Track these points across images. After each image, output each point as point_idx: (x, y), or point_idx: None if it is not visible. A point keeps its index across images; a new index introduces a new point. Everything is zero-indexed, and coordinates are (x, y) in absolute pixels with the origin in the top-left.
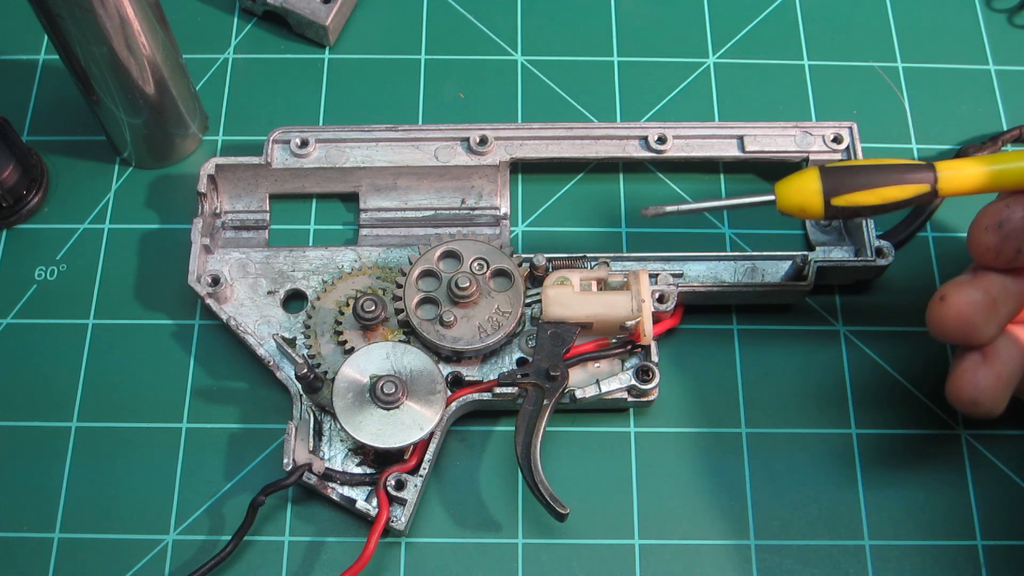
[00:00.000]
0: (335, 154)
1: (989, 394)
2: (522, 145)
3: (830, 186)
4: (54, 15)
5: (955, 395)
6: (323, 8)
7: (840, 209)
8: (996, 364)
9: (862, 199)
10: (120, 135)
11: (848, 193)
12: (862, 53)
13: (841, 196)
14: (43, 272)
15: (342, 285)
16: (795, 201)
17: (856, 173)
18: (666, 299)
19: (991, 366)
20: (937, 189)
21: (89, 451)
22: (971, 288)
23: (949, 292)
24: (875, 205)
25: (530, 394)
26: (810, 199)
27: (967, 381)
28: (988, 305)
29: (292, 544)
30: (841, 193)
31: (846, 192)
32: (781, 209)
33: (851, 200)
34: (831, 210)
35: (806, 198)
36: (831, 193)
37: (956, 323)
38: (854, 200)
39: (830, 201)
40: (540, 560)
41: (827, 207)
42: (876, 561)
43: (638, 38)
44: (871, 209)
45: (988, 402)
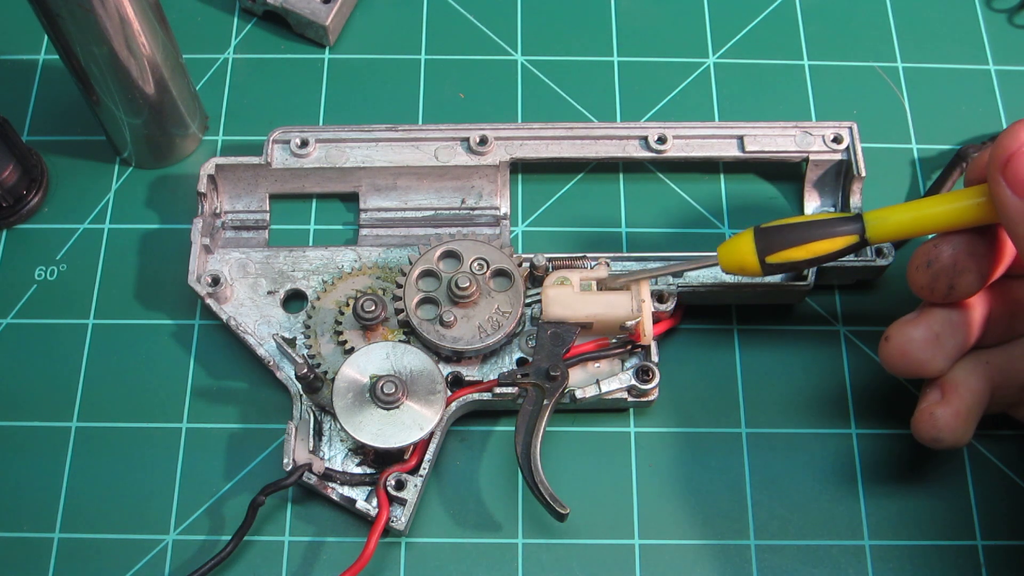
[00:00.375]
0: (335, 154)
1: (949, 431)
2: (522, 145)
3: (763, 246)
4: (54, 15)
5: (917, 433)
6: (323, 8)
7: (776, 266)
8: (954, 401)
9: (794, 255)
10: (120, 135)
11: (780, 251)
12: (862, 53)
13: (775, 254)
14: (43, 272)
15: (342, 285)
16: (734, 261)
17: (787, 231)
18: (666, 299)
19: (948, 404)
20: (866, 239)
21: (89, 451)
22: (912, 327)
23: (892, 333)
24: (808, 259)
25: (530, 394)
26: (746, 259)
27: (925, 420)
28: (930, 341)
29: (292, 544)
30: (774, 251)
31: (778, 250)
32: (724, 270)
33: (784, 257)
34: (768, 268)
35: (743, 258)
36: (765, 252)
37: (902, 362)
38: (787, 256)
39: (765, 260)
40: (540, 560)
41: (763, 265)
42: (876, 561)
43: (638, 38)
44: (806, 263)
45: (949, 438)
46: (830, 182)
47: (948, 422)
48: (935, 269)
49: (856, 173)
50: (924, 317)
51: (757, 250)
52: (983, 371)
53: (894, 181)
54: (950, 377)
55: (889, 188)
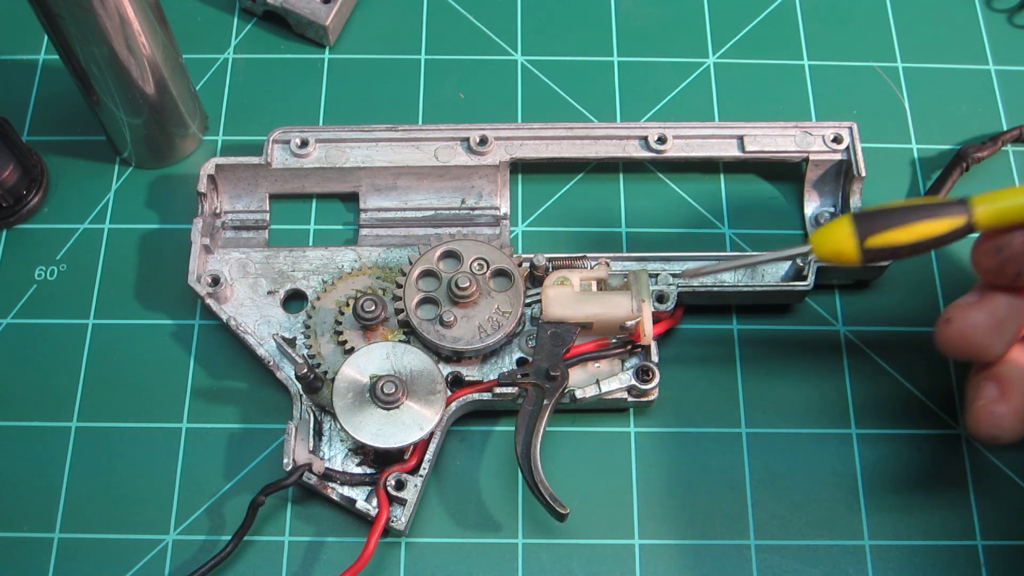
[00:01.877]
0: (335, 154)
1: (1009, 429)
2: (522, 145)
3: (864, 229)
4: (54, 15)
5: (975, 430)
6: (323, 8)
7: (877, 251)
8: (1013, 398)
9: (896, 238)
10: (120, 135)
11: (882, 232)
12: (862, 53)
13: (875, 236)
14: (43, 272)
15: (342, 285)
16: (830, 248)
17: (889, 214)
18: (666, 299)
19: (1008, 401)
20: (973, 223)
21: (89, 451)
22: (975, 311)
23: (954, 316)
24: (911, 243)
25: (530, 394)
26: (844, 244)
27: (986, 419)
28: (993, 327)
29: (292, 544)
30: (875, 233)
31: (879, 231)
32: (819, 259)
33: (886, 239)
34: (868, 253)
35: (840, 243)
36: (865, 235)
37: (962, 345)
38: (889, 239)
39: (864, 243)
40: (540, 560)
41: (863, 251)
42: (876, 561)
43: (638, 38)
44: (909, 248)
45: (1008, 436)
46: (830, 182)
47: (1009, 420)
48: (1006, 255)
49: (856, 173)
50: (987, 301)
51: (856, 234)
52: None
53: (894, 181)
54: (1006, 370)
55: (889, 188)
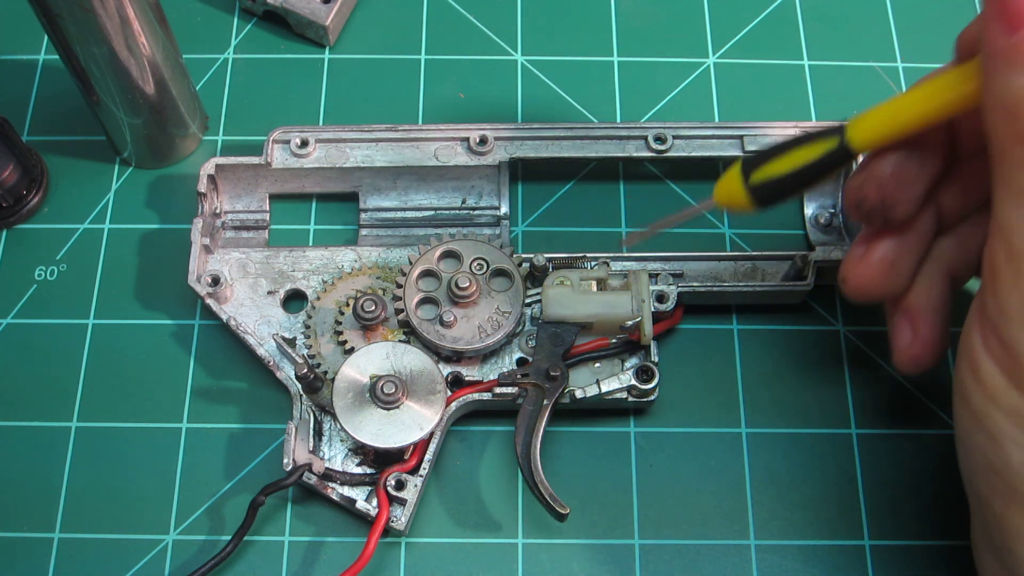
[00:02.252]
0: (335, 154)
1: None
2: (522, 145)
3: (747, 166)
4: (54, 15)
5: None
6: (323, 8)
7: (761, 186)
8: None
9: (776, 168)
10: (120, 135)
11: (762, 166)
12: (862, 53)
13: (757, 171)
14: (43, 272)
15: (342, 285)
16: (724, 193)
17: (771, 149)
18: (666, 299)
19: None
20: (847, 144)
21: (89, 451)
22: (864, 265)
23: (848, 275)
24: (791, 172)
25: (530, 394)
26: (733, 184)
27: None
28: (886, 272)
29: (292, 544)
30: (757, 167)
31: (760, 165)
32: (716, 202)
33: (767, 172)
34: (755, 192)
35: (730, 185)
36: (748, 171)
37: (866, 297)
38: (769, 172)
39: (750, 180)
40: (540, 560)
41: (749, 189)
42: (876, 561)
43: (638, 38)
44: (791, 179)
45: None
46: (830, 182)
47: (928, 357)
48: (866, 209)
49: None
50: (874, 249)
51: (742, 172)
52: (941, 271)
53: None
54: (914, 301)
55: None
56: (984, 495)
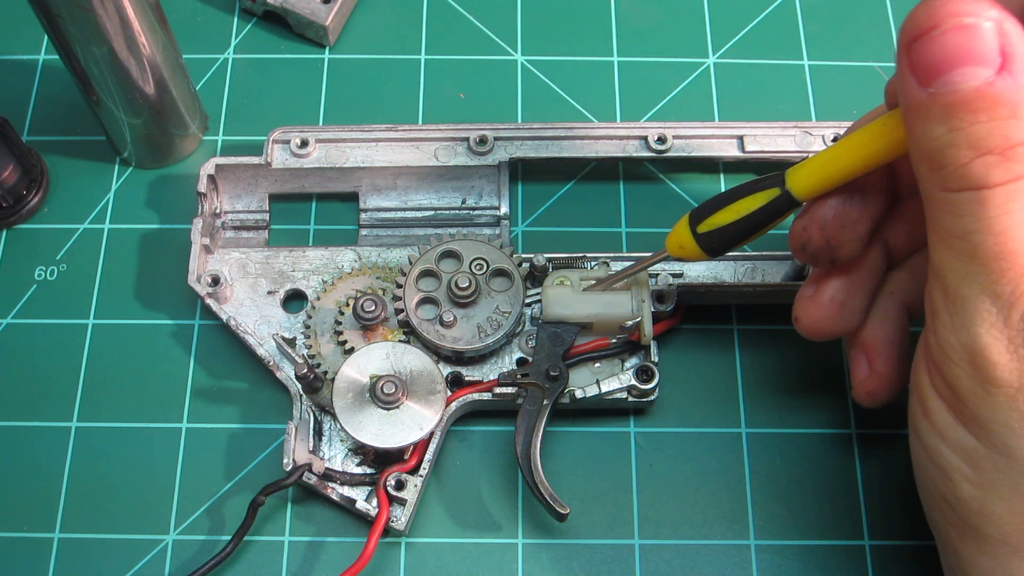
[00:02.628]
0: (335, 154)
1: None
2: (522, 145)
3: (694, 218)
4: (54, 15)
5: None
6: (323, 8)
7: (710, 237)
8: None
9: (722, 219)
10: (120, 135)
11: (708, 217)
12: (862, 53)
13: (704, 222)
14: (43, 272)
15: (342, 285)
16: (673, 243)
17: (716, 200)
18: (666, 299)
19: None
20: (788, 191)
21: (89, 451)
22: (815, 305)
23: (800, 314)
24: (735, 221)
25: (530, 394)
26: (682, 236)
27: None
28: (837, 312)
29: (292, 544)
30: (703, 218)
31: (707, 216)
32: (669, 253)
33: (713, 223)
34: (702, 240)
35: (680, 237)
36: (695, 223)
37: (819, 335)
38: (715, 222)
39: (697, 231)
40: (540, 560)
41: (697, 238)
42: (876, 561)
43: (638, 38)
44: (736, 228)
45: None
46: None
47: (884, 391)
48: (811, 251)
49: None
50: (822, 289)
51: (690, 224)
52: (895, 306)
53: None
54: (869, 336)
55: None
56: (940, 527)
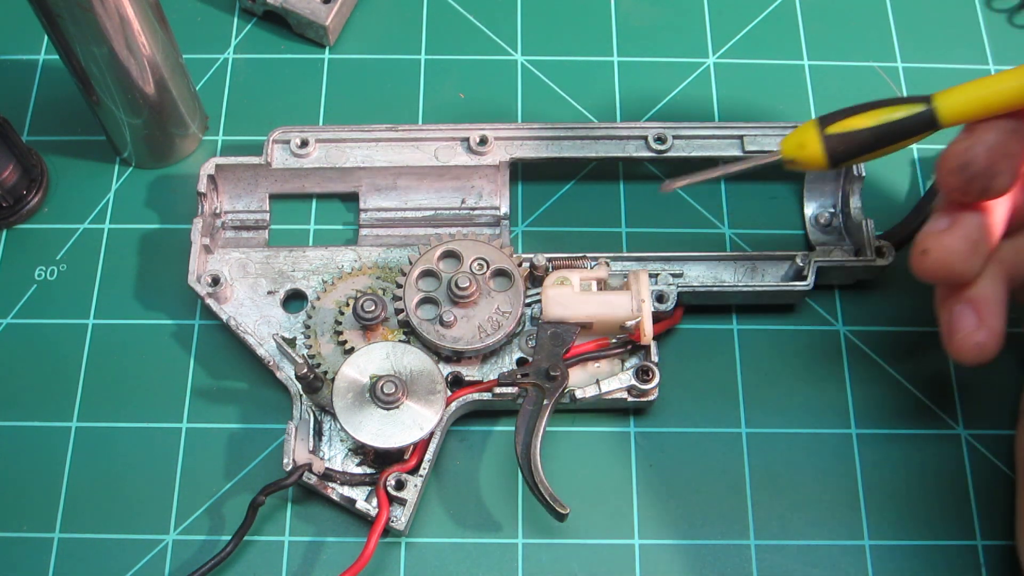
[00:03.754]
0: (335, 154)
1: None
2: (522, 145)
3: (826, 120)
4: (54, 15)
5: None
6: (323, 8)
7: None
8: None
9: (855, 123)
10: (120, 135)
11: (841, 120)
12: (862, 53)
13: (836, 124)
14: (43, 272)
15: (342, 285)
16: (794, 141)
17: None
18: (666, 299)
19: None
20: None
21: (89, 451)
22: (950, 237)
23: (931, 245)
24: (870, 128)
25: (530, 394)
26: (805, 135)
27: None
28: (970, 250)
29: (292, 544)
30: (834, 121)
31: (839, 120)
32: (785, 157)
33: (845, 126)
34: (830, 142)
35: (803, 136)
36: (826, 124)
37: (942, 274)
38: (848, 125)
39: (826, 131)
40: (540, 560)
41: (824, 138)
42: (876, 561)
43: (638, 38)
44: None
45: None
46: (830, 182)
47: (992, 346)
48: (970, 173)
49: (856, 173)
50: (959, 225)
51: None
52: (1001, 273)
53: (894, 181)
54: (979, 292)
55: (889, 188)
56: None
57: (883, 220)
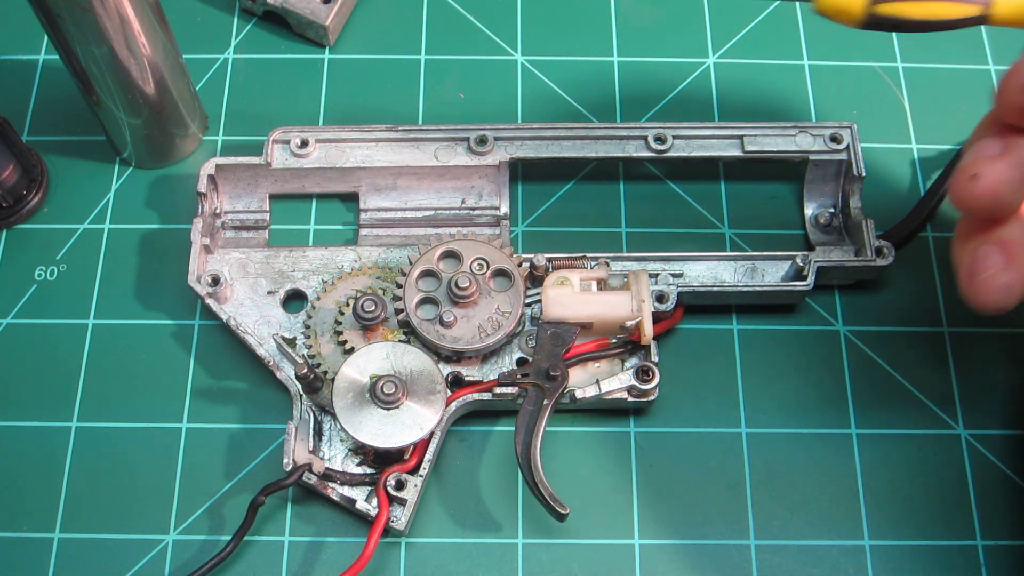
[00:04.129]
0: (335, 154)
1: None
2: (522, 145)
3: None
4: (54, 15)
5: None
6: (323, 8)
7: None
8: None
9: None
10: (120, 135)
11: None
12: (862, 53)
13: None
14: (43, 272)
15: (342, 285)
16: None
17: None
18: (666, 299)
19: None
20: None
21: (89, 451)
22: (1004, 164)
23: (984, 170)
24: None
25: (530, 394)
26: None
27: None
28: (1021, 179)
29: (292, 544)
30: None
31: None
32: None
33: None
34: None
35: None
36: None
37: (989, 202)
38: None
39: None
40: (540, 560)
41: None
42: (876, 561)
43: (638, 38)
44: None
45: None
46: (830, 182)
47: (1018, 291)
48: None
49: (856, 173)
50: (1014, 151)
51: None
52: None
53: (894, 181)
54: (1009, 233)
55: (889, 188)
56: None
57: (883, 220)
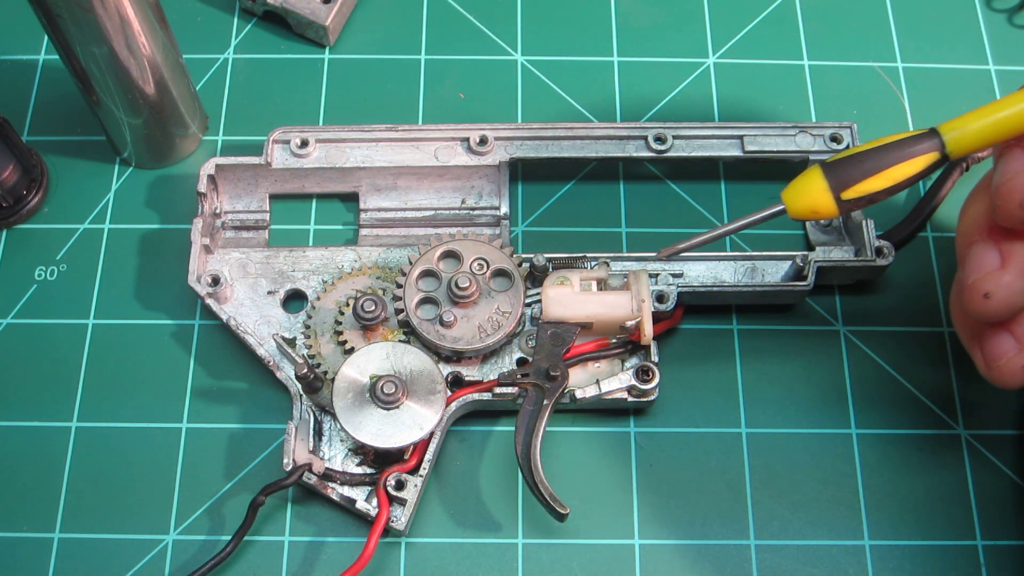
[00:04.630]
0: (335, 154)
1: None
2: (522, 145)
3: (837, 181)
4: (54, 15)
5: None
6: (323, 8)
7: (854, 201)
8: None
9: (873, 185)
10: (120, 135)
11: (857, 183)
12: (862, 53)
13: (851, 188)
14: (43, 272)
15: (342, 285)
16: (805, 205)
17: (860, 161)
18: (666, 299)
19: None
20: (947, 154)
21: (89, 451)
22: (1012, 277)
23: (992, 288)
24: (888, 188)
25: (530, 394)
26: (820, 199)
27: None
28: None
29: (292, 544)
30: (850, 185)
31: (855, 183)
32: (793, 217)
33: (862, 189)
34: (845, 205)
35: (816, 199)
36: (840, 188)
37: (1005, 314)
38: (865, 189)
39: (840, 196)
40: (540, 560)
41: (839, 203)
42: (876, 561)
43: (638, 38)
44: (885, 192)
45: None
46: None
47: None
48: None
49: None
50: (1015, 260)
51: (831, 187)
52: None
53: None
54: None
55: None
56: None
57: (883, 220)
